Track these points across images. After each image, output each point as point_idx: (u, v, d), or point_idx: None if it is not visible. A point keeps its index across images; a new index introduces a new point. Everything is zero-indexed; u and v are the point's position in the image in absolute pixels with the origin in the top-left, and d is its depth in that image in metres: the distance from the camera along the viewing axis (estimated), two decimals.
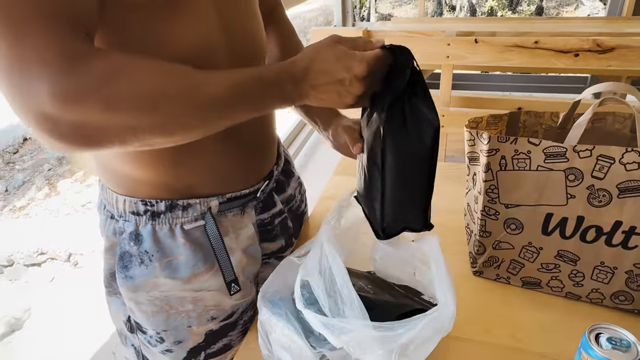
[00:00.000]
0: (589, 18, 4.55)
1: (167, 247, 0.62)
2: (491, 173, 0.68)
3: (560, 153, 0.62)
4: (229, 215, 0.66)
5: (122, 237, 0.63)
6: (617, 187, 0.60)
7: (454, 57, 1.68)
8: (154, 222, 0.61)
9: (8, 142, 9.11)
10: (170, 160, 0.59)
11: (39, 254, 4.18)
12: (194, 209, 0.62)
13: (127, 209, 0.62)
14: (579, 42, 1.53)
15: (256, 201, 0.70)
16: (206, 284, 0.65)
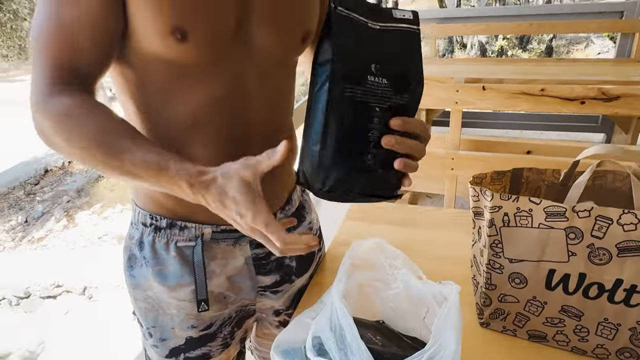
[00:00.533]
0: (597, 60, 4.61)
1: (161, 257, 0.72)
2: (495, 229, 0.71)
3: (560, 212, 0.64)
4: (221, 244, 0.74)
5: (132, 241, 0.74)
6: (616, 246, 0.63)
7: (462, 103, 1.73)
8: (155, 235, 0.72)
9: (30, 174, 9.38)
10: None
11: (55, 286, 4.23)
12: (189, 231, 0.71)
13: (139, 219, 0.73)
14: (584, 91, 1.57)
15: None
16: (188, 295, 0.73)
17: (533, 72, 2.73)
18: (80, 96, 0.57)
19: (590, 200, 0.71)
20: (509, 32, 4.90)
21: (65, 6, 0.55)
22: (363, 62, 0.57)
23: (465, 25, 4.12)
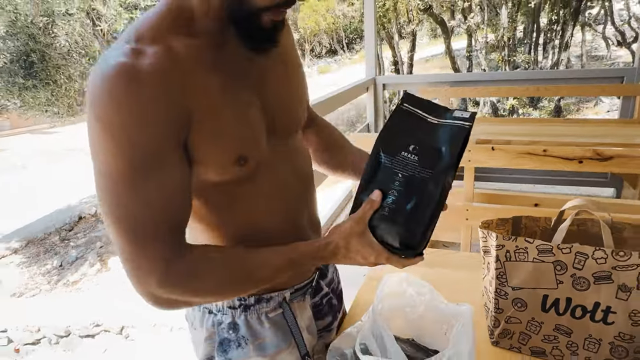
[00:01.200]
0: (601, 121, 4.82)
1: (257, 331, 0.79)
2: (500, 263, 0.89)
3: (548, 249, 0.83)
4: (295, 302, 0.83)
5: (221, 327, 0.79)
6: (593, 275, 0.81)
7: (474, 162, 1.94)
8: (246, 313, 0.78)
9: (65, 220, 9.75)
10: None
11: (94, 325, 4.38)
12: (274, 300, 0.80)
13: (225, 305, 0.78)
14: (582, 152, 1.76)
15: (311, 288, 0.88)
16: (286, 358, 0.81)
17: (541, 132, 2.95)
18: (191, 253, 0.65)
19: (576, 241, 0.89)
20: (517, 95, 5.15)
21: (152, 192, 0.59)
22: (403, 145, 0.72)
23: (476, 88, 4.41)
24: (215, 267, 0.66)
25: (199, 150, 0.63)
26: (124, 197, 0.58)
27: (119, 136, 0.56)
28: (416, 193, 0.68)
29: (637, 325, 0.80)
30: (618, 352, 0.82)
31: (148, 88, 0.56)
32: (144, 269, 0.60)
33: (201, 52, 0.63)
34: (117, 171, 0.57)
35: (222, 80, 0.65)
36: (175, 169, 0.61)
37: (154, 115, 0.57)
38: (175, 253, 0.62)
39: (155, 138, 0.57)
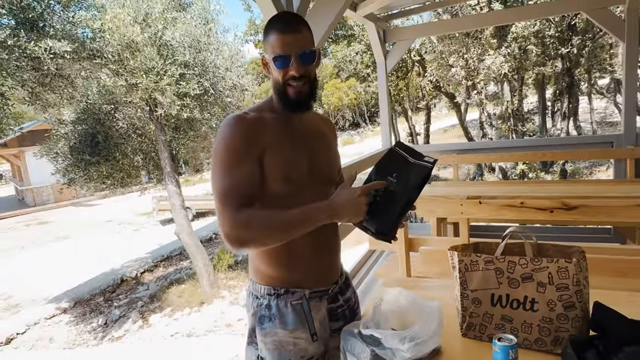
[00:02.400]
0: (599, 181, 5.08)
1: (283, 312, 1.15)
2: (462, 273, 1.24)
3: (491, 260, 1.18)
4: (312, 302, 1.18)
5: (262, 307, 1.16)
6: (520, 276, 1.15)
7: (466, 214, 2.29)
8: (277, 299, 1.15)
9: (108, 283, 10.21)
10: (289, 267, 1.18)
11: None
12: (297, 294, 1.16)
13: (265, 292, 1.17)
14: (551, 203, 2.09)
15: (328, 296, 1.23)
16: (301, 335, 1.14)
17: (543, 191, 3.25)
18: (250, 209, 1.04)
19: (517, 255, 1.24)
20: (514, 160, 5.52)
21: (237, 175, 1.04)
22: (389, 171, 1.14)
23: (481, 155, 4.80)
24: (264, 214, 1.04)
25: (267, 168, 1.08)
26: (222, 178, 1.04)
27: (228, 143, 1.06)
28: (390, 202, 1.09)
29: (553, 311, 1.12)
30: (544, 332, 1.13)
31: (247, 125, 1.08)
32: (224, 215, 1.01)
33: (276, 120, 1.14)
34: (221, 162, 1.05)
35: (284, 136, 1.13)
36: (251, 169, 1.05)
37: (247, 137, 1.06)
38: (241, 207, 1.02)
39: (245, 148, 1.05)
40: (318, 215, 1.05)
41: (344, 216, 1.05)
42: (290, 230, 1.04)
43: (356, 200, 1.04)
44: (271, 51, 1.08)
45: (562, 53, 9.08)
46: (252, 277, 1.23)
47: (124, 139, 7.63)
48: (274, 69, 1.10)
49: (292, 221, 1.03)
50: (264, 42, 1.13)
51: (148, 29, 6.60)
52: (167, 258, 11.76)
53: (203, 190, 19.85)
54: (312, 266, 1.20)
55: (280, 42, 1.07)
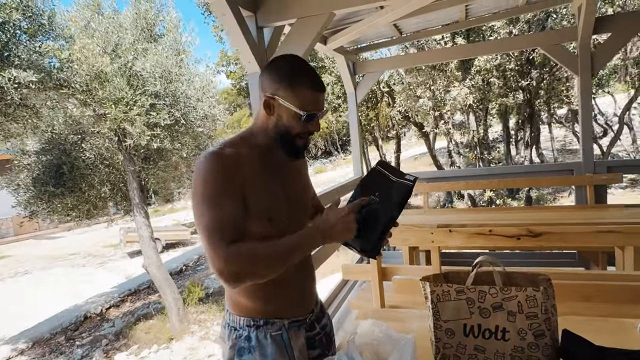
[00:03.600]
0: (561, 207, 5.29)
1: (262, 344, 1.14)
2: (434, 304, 1.24)
3: (462, 290, 1.19)
4: (292, 331, 1.18)
5: (240, 339, 1.15)
6: (491, 306, 1.16)
7: (437, 242, 2.32)
8: (257, 331, 1.14)
9: (71, 320, 9.66)
10: (267, 299, 1.17)
11: None
12: (277, 324, 1.16)
13: (244, 324, 1.16)
14: (518, 230, 2.15)
15: (305, 325, 1.24)
16: None
17: (510, 218, 3.35)
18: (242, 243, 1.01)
19: (487, 284, 1.25)
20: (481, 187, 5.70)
21: (223, 208, 1.02)
22: (372, 190, 1.16)
23: (449, 183, 4.92)
24: (257, 247, 1.02)
25: (249, 206, 1.07)
26: (206, 215, 1.01)
27: (209, 179, 1.03)
28: (373, 220, 1.11)
29: (524, 340, 1.13)
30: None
31: (226, 162, 1.06)
32: (215, 252, 0.98)
33: (253, 157, 1.12)
34: (204, 198, 1.02)
35: (263, 174, 1.12)
36: (236, 204, 1.04)
37: (227, 175, 1.04)
38: (233, 242, 0.99)
39: (227, 183, 1.04)
40: (314, 239, 1.06)
41: (336, 236, 1.07)
42: (289, 258, 1.04)
43: (345, 219, 1.06)
44: (298, 105, 1.09)
45: (522, 85, 9.59)
46: (229, 308, 1.20)
47: (91, 170, 7.41)
48: (292, 120, 1.10)
49: (290, 248, 1.03)
50: (280, 85, 1.10)
51: (118, 60, 6.55)
52: (134, 292, 11.26)
53: (173, 220, 19.36)
54: (290, 296, 1.19)
55: (314, 99, 1.10)
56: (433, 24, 4.59)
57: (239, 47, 2.45)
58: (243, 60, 2.52)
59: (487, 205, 10.68)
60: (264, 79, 1.13)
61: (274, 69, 1.13)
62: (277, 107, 1.11)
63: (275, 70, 1.12)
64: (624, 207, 3.74)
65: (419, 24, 4.42)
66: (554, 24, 8.58)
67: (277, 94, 1.10)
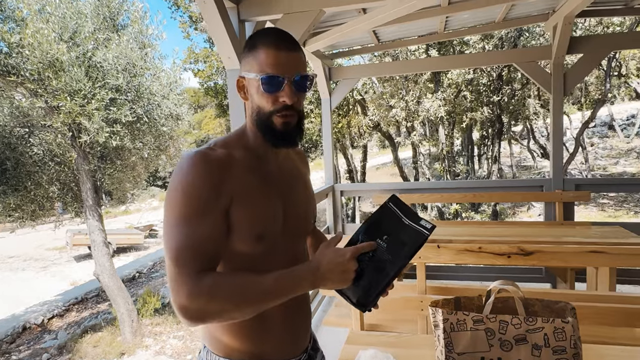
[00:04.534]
0: (531, 223, 5.40)
1: None
2: (447, 333, 1.12)
3: (480, 319, 1.08)
4: None
5: None
6: (513, 338, 1.05)
7: (424, 258, 2.22)
8: None
9: (7, 332, 8.91)
10: (254, 338, 0.98)
11: None
12: None
13: None
14: (509, 248, 2.09)
15: None
16: None
17: (481, 232, 3.34)
18: (213, 274, 0.83)
19: (500, 313, 1.15)
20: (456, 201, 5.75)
21: (197, 230, 0.82)
22: (380, 232, 0.96)
23: (422, 195, 4.89)
24: (232, 281, 0.83)
25: (235, 222, 0.88)
26: (177, 233, 0.82)
27: (188, 187, 0.83)
28: (377, 270, 0.91)
29: None
30: None
31: (212, 166, 0.86)
32: (179, 282, 0.79)
33: (247, 159, 0.94)
34: (178, 211, 0.83)
35: (256, 182, 0.93)
36: (215, 223, 0.85)
37: (212, 182, 0.85)
38: (202, 272, 0.81)
39: (210, 194, 0.84)
40: (300, 283, 0.86)
41: (329, 283, 0.88)
42: (267, 302, 0.85)
43: (345, 266, 0.87)
44: (258, 70, 0.89)
45: (493, 101, 9.88)
46: (208, 345, 1.00)
47: (39, 167, 6.86)
48: (258, 93, 0.91)
49: (270, 291, 0.84)
50: (245, 58, 0.93)
51: (76, 48, 6.11)
52: (81, 301, 10.56)
53: (126, 223, 18.50)
54: (282, 335, 1.01)
55: (274, 59, 0.88)
56: (411, 34, 4.58)
57: (218, 41, 2.28)
58: (222, 56, 2.34)
59: (453, 217, 10.87)
60: (240, 62, 0.97)
61: (245, 44, 0.95)
62: (247, 84, 0.94)
63: (246, 45, 0.95)
64: (590, 224, 3.82)
65: (397, 32, 4.39)
66: (526, 41, 8.90)
67: (244, 68, 0.93)
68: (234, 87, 2.47)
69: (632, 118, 20.77)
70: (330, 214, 4.84)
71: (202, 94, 18.23)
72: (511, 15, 4.22)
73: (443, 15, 3.71)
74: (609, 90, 10.94)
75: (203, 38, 13.37)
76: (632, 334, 2.11)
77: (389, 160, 21.96)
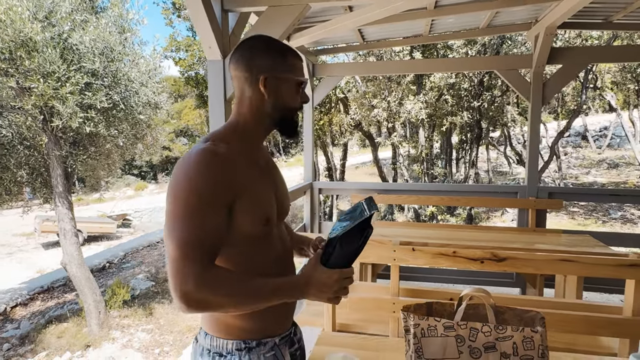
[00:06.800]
0: (504, 228, 5.49)
1: None
2: (417, 339, 1.11)
3: (451, 326, 1.07)
4: (281, 347, 1.08)
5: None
6: (483, 345, 1.05)
7: (399, 260, 2.22)
8: (250, 354, 1.01)
9: None
10: (260, 315, 1.02)
11: None
12: (268, 344, 1.05)
13: (233, 348, 1.01)
14: (482, 253, 2.11)
15: (289, 340, 1.12)
16: None
17: (456, 236, 3.38)
18: (218, 269, 0.91)
19: (471, 320, 1.15)
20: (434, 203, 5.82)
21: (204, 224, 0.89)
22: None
23: (400, 196, 4.92)
24: (234, 278, 0.91)
25: (241, 212, 0.95)
26: (185, 225, 0.87)
27: (198, 184, 0.89)
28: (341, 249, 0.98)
29: None
30: None
31: (220, 164, 0.92)
32: (186, 271, 0.84)
33: (246, 153, 1.02)
34: (186, 205, 0.88)
35: (255, 173, 1.02)
36: (218, 217, 0.91)
37: (220, 180, 0.91)
38: (210, 264, 0.88)
39: (218, 192, 0.91)
40: (291, 292, 0.97)
41: (314, 298, 0.98)
42: (260, 305, 0.94)
43: (331, 289, 0.96)
44: (294, 73, 1.04)
45: (473, 106, 10.03)
46: (210, 331, 1.05)
47: (7, 150, 6.59)
48: (290, 92, 1.04)
49: (265, 297, 0.93)
50: (273, 61, 1.03)
51: (51, 29, 5.88)
52: (47, 289, 10.24)
53: (98, 212, 18.05)
54: (280, 311, 1.07)
55: (301, 67, 1.07)
56: (396, 34, 4.59)
57: (200, 30, 2.22)
58: (204, 45, 2.29)
59: (429, 219, 11.01)
60: (253, 62, 1.03)
61: (262, 48, 1.04)
62: (273, 85, 1.03)
63: (265, 49, 1.04)
64: (561, 232, 3.92)
65: (382, 32, 4.39)
66: (508, 49, 9.06)
67: (276, 69, 1.03)
68: (216, 78, 2.44)
69: (604, 130, 21.48)
70: (308, 211, 4.82)
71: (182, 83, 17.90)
72: (495, 23, 4.28)
73: (429, 18, 3.73)
74: (584, 101, 11.26)
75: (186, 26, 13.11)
76: (596, 342, 2.16)
77: (369, 159, 22.07)
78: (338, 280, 0.96)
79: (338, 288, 0.96)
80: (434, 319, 1.09)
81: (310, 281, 0.96)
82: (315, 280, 0.96)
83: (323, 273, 0.96)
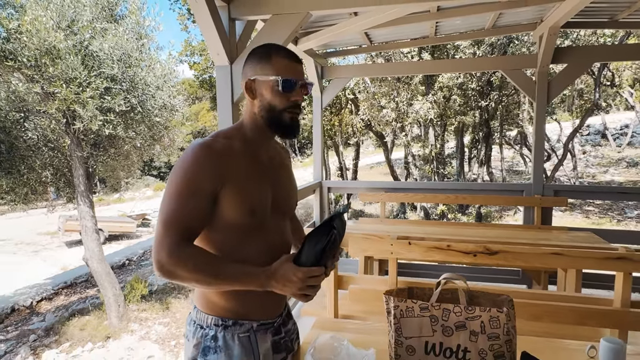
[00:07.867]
0: (510, 226, 5.50)
1: (229, 345, 1.09)
2: (397, 319, 1.22)
3: (426, 307, 1.17)
4: (259, 334, 1.13)
5: (206, 338, 1.10)
6: (454, 324, 1.15)
7: (396, 254, 2.31)
8: (225, 331, 1.10)
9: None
10: (239, 298, 1.10)
11: None
12: (245, 326, 1.11)
13: (212, 323, 1.11)
14: (475, 247, 2.19)
15: (273, 328, 1.19)
16: None
17: (461, 233, 3.43)
18: (192, 247, 1.01)
19: (448, 303, 1.24)
20: (440, 202, 5.86)
21: (186, 206, 1.00)
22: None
23: (407, 194, 4.99)
24: (203, 258, 1.01)
25: (226, 201, 1.04)
26: (170, 204, 1.00)
27: (188, 171, 1.01)
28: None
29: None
30: None
31: (213, 156, 1.03)
32: (163, 243, 0.97)
33: (244, 149, 1.11)
34: (175, 187, 1.01)
35: (251, 169, 1.10)
36: (201, 202, 1.02)
37: (209, 170, 1.02)
38: (184, 241, 0.99)
39: (204, 181, 1.01)
40: (253, 281, 1.03)
41: (277, 290, 1.03)
42: (221, 286, 1.04)
43: (295, 285, 1.01)
44: (274, 74, 1.08)
45: (481, 105, 10.00)
46: (197, 305, 1.16)
47: (33, 152, 6.89)
48: (272, 93, 1.09)
49: (226, 279, 1.01)
50: (258, 64, 1.11)
51: (73, 37, 6.13)
52: (70, 285, 10.60)
53: (118, 211, 18.47)
54: (263, 298, 1.13)
55: (289, 67, 1.09)
56: (403, 36, 4.65)
57: (208, 38, 2.35)
58: (211, 52, 2.42)
59: (439, 218, 11.01)
60: (245, 68, 1.14)
61: (252, 54, 1.14)
62: (258, 86, 1.11)
63: (253, 54, 1.13)
64: (567, 229, 3.93)
65: (389, 34, 4.47)
66: (515, 49, 9.02)
67: (256, 72, 1.11)
68: (223, 83, 2.57)
69: (625, 128, 21.00)
70: (317, 209, 4.93)
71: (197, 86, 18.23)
72: (500, 23, 4.31)
73: (433, 20, 3.80)
74: (598, 99, 11.10)
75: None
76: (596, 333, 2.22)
77: (383, 159, 22.07)
78: (302, 279, 1.00)
79: (302, 285, 1.00)
80: (411, 300, 1.19)
81: (275, 275, 1.02)
82: (280, 274, 1.01)
83: (288, 269, 1.01)
